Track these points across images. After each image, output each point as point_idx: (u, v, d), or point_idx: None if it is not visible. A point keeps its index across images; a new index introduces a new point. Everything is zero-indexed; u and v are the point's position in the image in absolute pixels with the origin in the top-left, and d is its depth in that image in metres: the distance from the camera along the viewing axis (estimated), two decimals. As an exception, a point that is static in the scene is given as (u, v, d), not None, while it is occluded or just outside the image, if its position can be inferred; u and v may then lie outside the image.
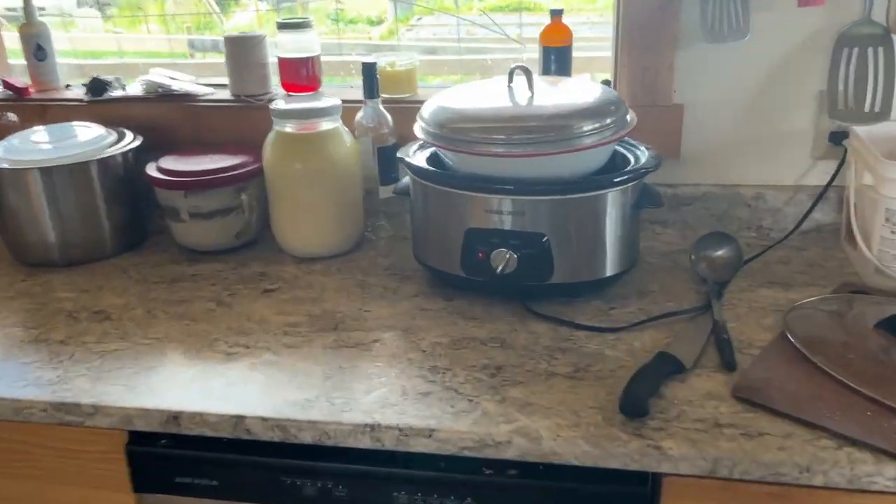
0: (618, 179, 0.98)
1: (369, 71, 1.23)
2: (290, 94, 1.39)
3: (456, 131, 1.00)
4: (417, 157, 1.10)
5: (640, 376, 0.85)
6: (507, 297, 1.06)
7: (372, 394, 0.87)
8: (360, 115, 1.25)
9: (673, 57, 1.20)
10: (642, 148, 1.08)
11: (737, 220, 1.26)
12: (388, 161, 1.26)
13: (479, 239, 1.01)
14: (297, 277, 1.17)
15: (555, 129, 0.96)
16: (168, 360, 0.96)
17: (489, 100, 1.05)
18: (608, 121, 0.98)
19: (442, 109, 1.04)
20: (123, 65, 1.67)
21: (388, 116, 1.25)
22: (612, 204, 0.99)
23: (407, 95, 1.35)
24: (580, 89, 1.07)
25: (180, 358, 0.96)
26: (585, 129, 0.97)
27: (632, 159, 1.06)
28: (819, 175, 1.23)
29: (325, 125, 1.18)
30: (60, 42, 1.57)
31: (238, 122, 1.36)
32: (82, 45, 1.75)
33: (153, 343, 1.00)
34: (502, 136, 0.97)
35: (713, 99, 1.22)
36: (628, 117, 1.02)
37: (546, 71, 1.23)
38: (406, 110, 1.29)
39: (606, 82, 1.33)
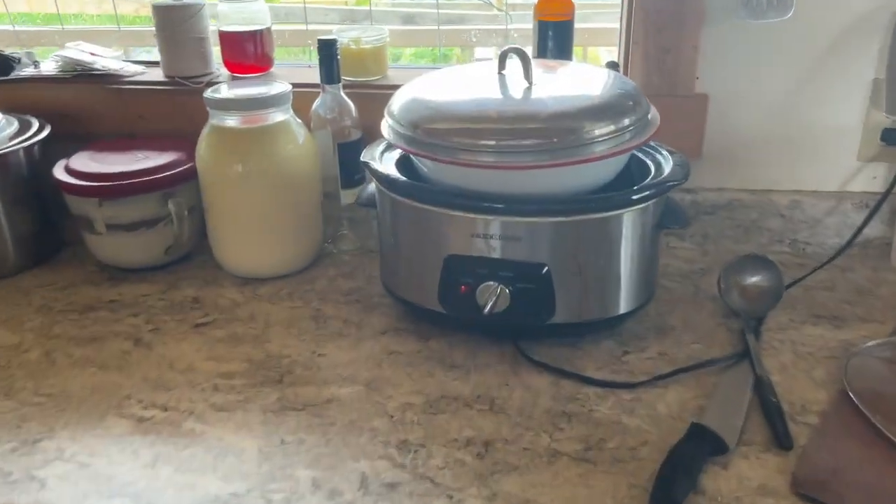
0: (637, 196, 0.77)
1: (328, 50, 1.00)
2: (236, 75, 1.16)
3: (433, 134, 0.78)
4: (385, 160, 0.88)
5: (673, 465, 0.65)
6: (498, 337, 0.85)
7: (322, 486, 0.67)
8: (317, 103, 1.03)
9: (698, 36, 0.98)
10: (664, 151, 0.87)
11: (767, 231, 1.06)
12: (351, 159, 1.04)
13: (461, 269, 0.80)
14: (238, 305, 0.96)
15: (560, 132, 0.75)
16: (59, 432, 0.74)
17: (475, 91, 0.83)
18: (626, 121, 0.77)
19: (416, 103, 0.82)
20: (48, 33, 1.43)
21: (352, 105, 1.03)
22: (630, 226, 0.79)
23: (375, 78, 1.13)
24: (589, 79, 0.86)
25: (75, 428, 0.75)
26: (598, 133, 0.75)
27: (651, 166, 0.85)
28: (866, 180, 1.03)
29: (273, 117, 0.96)
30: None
31: (172, 109, 1.13)
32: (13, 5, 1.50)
33: (44, 403, 0.78)
34: (492, 142, 0.75)
35: (743, 88, 1.01)
36: (650, 116, 0.81)
37: (542, 52, 1.01)
38: (374, 97, 1.07)
39: (613, 65, 1.11)
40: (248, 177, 0.95)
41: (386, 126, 0.84)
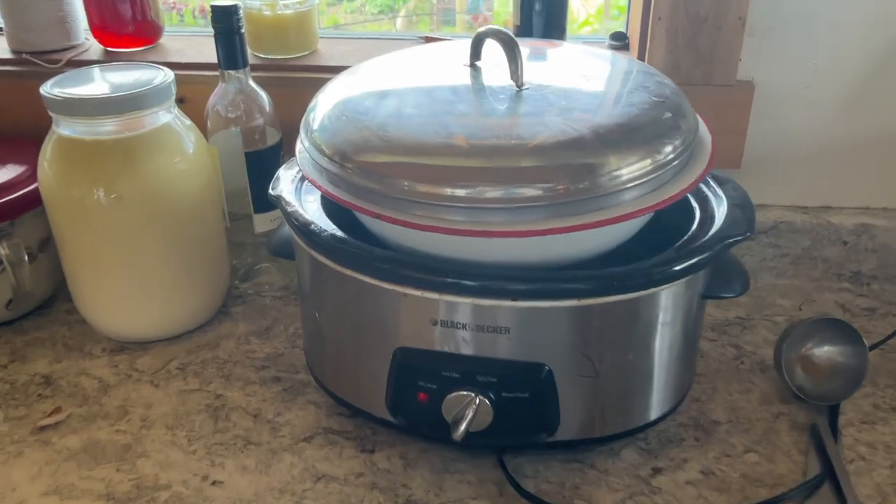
0: (683, 266, 0.51)
1: (226, 21, 0.70)
2: (110, 49, 0.86)
3: (371, 172, 0.50)
4: (308, 193, 0.60)
5: None
6: (476, 451, 0.59)
7: None
8: (214, 97, 0.74)
9: (746, 4, 0.71)
10: (709, 179, 0.60)
11: (822, 263, 0.81)
12: (267, 171, 0.75)
13: (419, 369, 0.54)
14: (107, 390, 0.68)
15: (569, 174, 0.48)
16: None
17: (436, 100, 0.55)
18: (667, 149, 0.50)
19: (346, 117, 0.54)
20: None
21: (265, 96, 0.74)
22: (669, 304, 0.53)
23: (299, 55, 0.83)
24: (601, 73, 0.58)
25: None
26: (628, 171, 0.48)
27: (695, 207, 0.58)
28: (957, 195, 0.78)
29: (149, 121, 0.67)
30: None
31: (19, 99, 0.82)
32: None
33: None
34: (462, 191, 0.48)
35: (800, 76, 0.75)
36: (699, 133, 0.54)
37: (526, 29, 0.73)
38: (297, 82, 0.78)
39: (619, 37, 0.83)
40: (116, 205, 0.66)
41: (302, 151, 0.56)
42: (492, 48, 0.56)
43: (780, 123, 0.77)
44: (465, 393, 0.53)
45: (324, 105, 0.56)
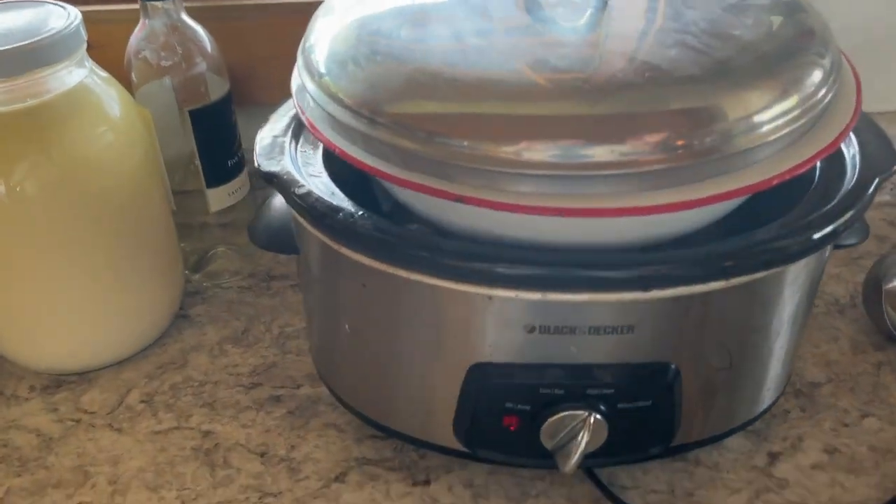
0: (844, 220, 0.39)
1: (142, -67, 0.52)
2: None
3: (422, 128, 0.35)
4: (307, 156, 0.44)
5: None
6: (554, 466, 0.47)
7: None
8: (136, 40, 0.55)
9: None
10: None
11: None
12: (216, 134, 0.59)
13: (506, 388, 0.41)
14: (51, 446, 0.51)
15: (695, 121, 0.35)
16: None
17: (499, 22, 0.40)
18: (818, 83, 0.38)
19: (373, 52, 0.38)
20: None
21: (204, 34, 0.56)
22: (803, 273, 0.41)
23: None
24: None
25: None
26: (770, 120, 0.36)
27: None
28: None
29: (51, 83, 0.48)
30: None
31: None
32: None
33: None
34: (558, 151, 0.34)
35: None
36: (843, 68, 0.42)
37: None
38: (243, 14, 0.60)
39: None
40: (23, 200, 0.48)
41: (306, 97, 0.40)
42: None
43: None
44: (573, 413, 0.40)
45: (330, 34, 0.40)
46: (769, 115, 0.36)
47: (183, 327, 0.60)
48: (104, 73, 0.52)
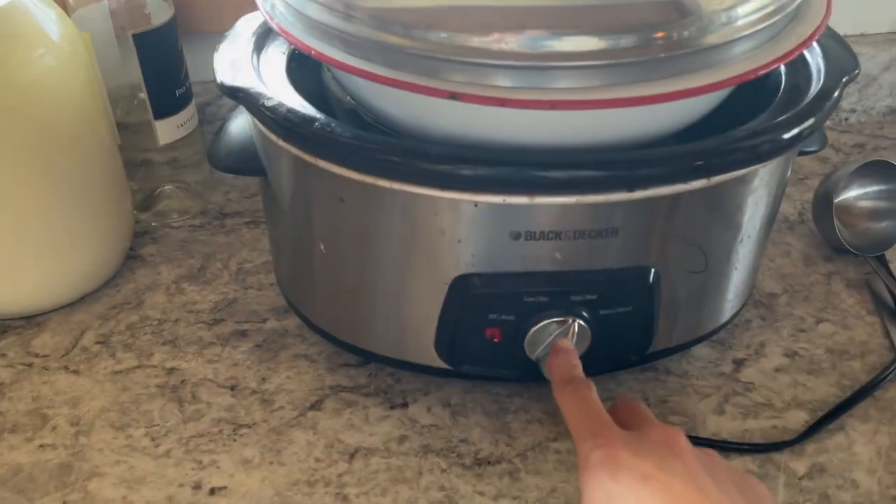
0: (816, 118, 0.40)
1: None
2: None
3: (397, 26, 0.34)
4: (269, 65, 0.43)
5: None
6: (537, 378, 0.48)
7: None
8: (71, -44, 0.52)
9: None
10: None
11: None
12: (162, 60, 0.56)
13: (490, 299, 0.40)
14: (3, 391, 0.48)
15: (668, 18, 0.35)
16: None
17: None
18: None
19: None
20: None
21: (143, -46, 0.53)
22: (772, 174, 0.42)
23: None
24: None
25: None
26: (744, 15, 0.36)
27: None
28: (929, 12, 0.74)
29: (-15, -2, 0.45)
30: None
31: None
32: None
33: None
34: (543, 42, 0.33)
35: None
36: None
37: None
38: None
39: None
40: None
41: (275, 6, 0.38)
42: None
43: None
44: (557, 320, 0.40)
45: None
46: (742, 8, 0.36)
47: (135, 267, 0.58)
48: (40, -6, 0.49)
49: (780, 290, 0.56)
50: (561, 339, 0.40)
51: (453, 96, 0.32)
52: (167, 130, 0.57)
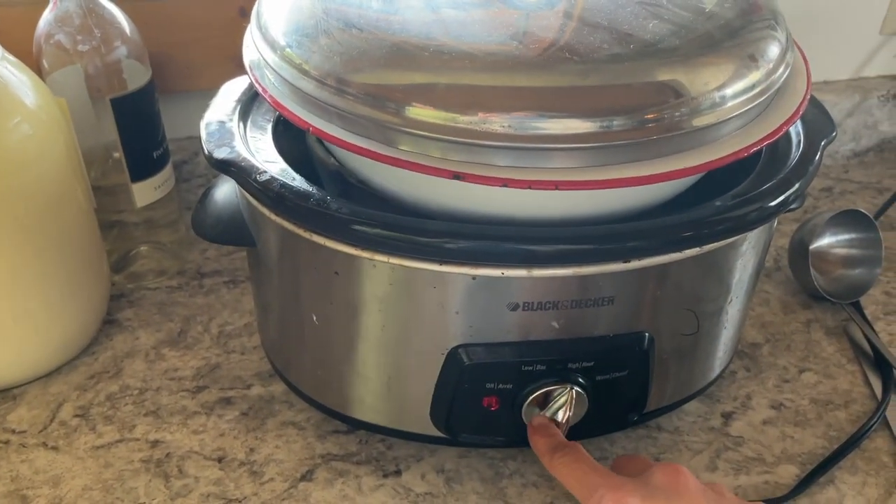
0: (800, 184, 0.40)
1: None
2: None
3: (389, 97, 0.34)
4: (256, 137, 0.42)
5: None
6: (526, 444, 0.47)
7: None
8: (45, 23, 0.50)
9: None
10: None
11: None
12: (141, 123, 0.55)
13: (488, 368, 0.40)
14: (-19, 475, 0.47)
15: (661, 97, 0.35)
16: None
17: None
18: (776, 56, 0.39)
19: (338, 21, 0.37)
20: None
21: (122, 15, 0.52)
22: (760, 238, 0.43)
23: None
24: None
25: None
26: (733, 96, 0.37)
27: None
28: (887, 61, 0.76)
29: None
30: None
31: None
32: None
33: None
34: (532, 123, 0.33)
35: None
36: (790, 54, 0.43)
37: None
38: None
39: None
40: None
41: (265, 74, 0.38)
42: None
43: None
44: (555, 388, 0.40)
45: (288, 5, 0.38)
46: (731, 89, 0.37)
47: (112, 333, 0.56)
48: (13, 59, 0.48)
49: (763, 339, 0.57)
50: (535, 418, 0.41)
51: (457, 177, 0.32)
52: (144, 193, 0.56)
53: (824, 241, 0.60)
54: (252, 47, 0.40)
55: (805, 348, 0.56)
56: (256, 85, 0.39)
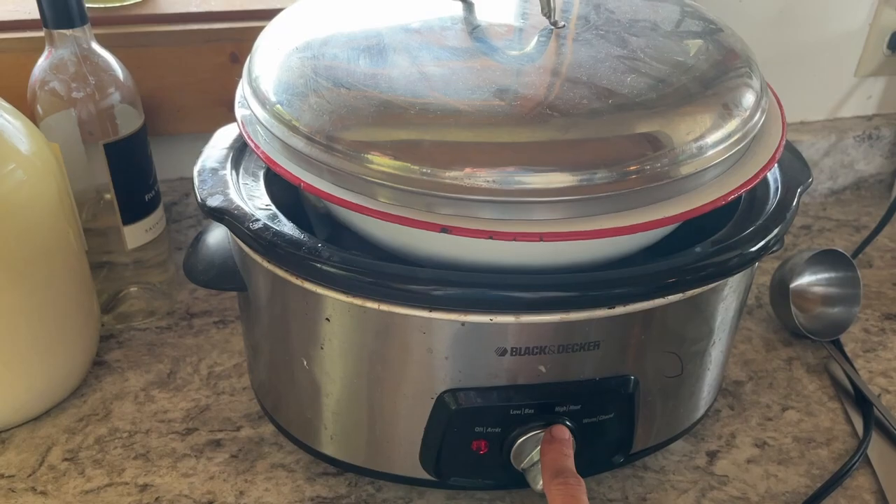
0: (778, 229, 0.42)
1: (47, -43, 0.48)
2: None
3: (384, 156, 0.35)
4: (247, 185, 0.43)
5: None
6: (518, 485, 0.48)
7: None
8: (41, 70, 0.51)
9: None
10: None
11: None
12: (134, 167, 0.55)
13: (476, 413, 0.41)
14: (-32, 521, 0.47)
15: (643, 149, 0.36)
16: None
17: (453, 49, 0.40)
18: (751, 105, 0.41)
19: (327, 80, 0.38)
20: None
21: (115, 62, 0.53)
22: (742, 281, 0.44)
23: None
24: (639, 8, 0.47)
25: None
26: (713, 144, 0.38)
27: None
28: (862, 102, 0.78)
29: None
30: None
31: None
32: None
33: None
34: (526, 179, 0.35)
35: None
36: (765, 100, 0.45)
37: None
38: (151, 40, 0.57)
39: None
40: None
41: (257, 130, 0.39)
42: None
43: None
44: (543, 431, 0.41)
45: (277, 59, 0.39)
46: (711, 137, 0.38)
47: (101, 375, 0.56)
48: (8, 106, 0.49)
49: (745, 377, 0.58)
50: (558, 427, 0.41)
51: (444, 230, 0.33)
52: (136, 235, 0.57)
53: (804, 280, 0.62)
54: (244, 103, 0.41)
55: (787, 386, 0.57)
56: (249, 141, 0.40)
